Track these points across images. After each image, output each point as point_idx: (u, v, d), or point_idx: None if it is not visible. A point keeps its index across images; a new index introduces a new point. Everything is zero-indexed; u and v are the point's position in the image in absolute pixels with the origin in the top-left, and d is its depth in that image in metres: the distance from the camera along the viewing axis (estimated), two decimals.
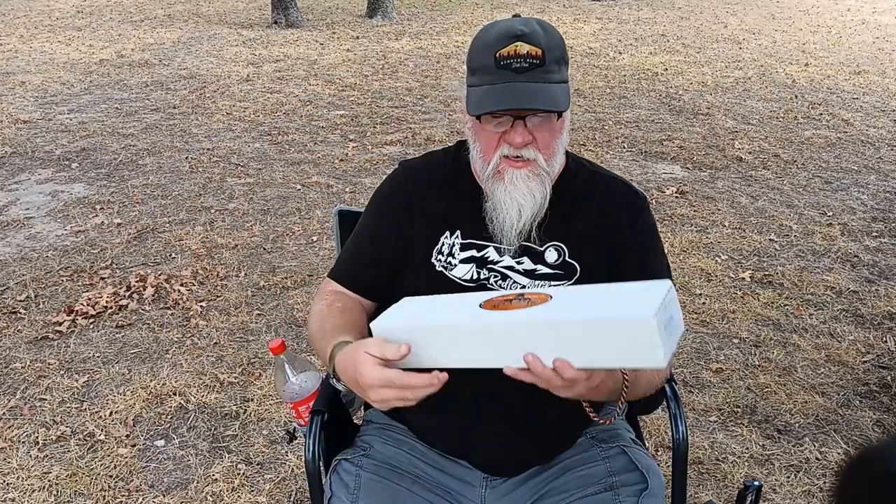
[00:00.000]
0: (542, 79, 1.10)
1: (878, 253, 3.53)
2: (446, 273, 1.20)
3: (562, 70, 1.13)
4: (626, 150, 4.99)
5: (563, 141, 1.19)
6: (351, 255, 1.33)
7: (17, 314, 2.92)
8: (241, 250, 3.47)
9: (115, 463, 2.15)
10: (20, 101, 5.98)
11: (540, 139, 1.14)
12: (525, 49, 1.10)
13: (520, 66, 1.10)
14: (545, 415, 1.20)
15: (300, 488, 2.06)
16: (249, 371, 2.58)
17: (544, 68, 1.10)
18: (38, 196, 4.11)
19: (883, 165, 4.76)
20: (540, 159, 1.15)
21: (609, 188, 1.27)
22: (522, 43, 1.10)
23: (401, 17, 10.71)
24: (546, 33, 1.12)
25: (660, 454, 2.14)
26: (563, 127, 1.18)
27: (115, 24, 9.91)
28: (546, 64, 1.10)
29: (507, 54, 1.10)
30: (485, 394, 1.16)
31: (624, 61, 7.89)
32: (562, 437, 1.26)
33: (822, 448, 2.22)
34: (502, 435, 1.20)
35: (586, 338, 0.90)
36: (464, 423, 1.21)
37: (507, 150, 1.15)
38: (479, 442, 1.21)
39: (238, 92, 6.35)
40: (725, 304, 3.03)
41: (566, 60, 1.15)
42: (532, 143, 1.14)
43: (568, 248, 1.20)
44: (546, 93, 1.10)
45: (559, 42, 1.13)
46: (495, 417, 1.19)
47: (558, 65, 1.13)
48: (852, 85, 6.96)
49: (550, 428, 1.22)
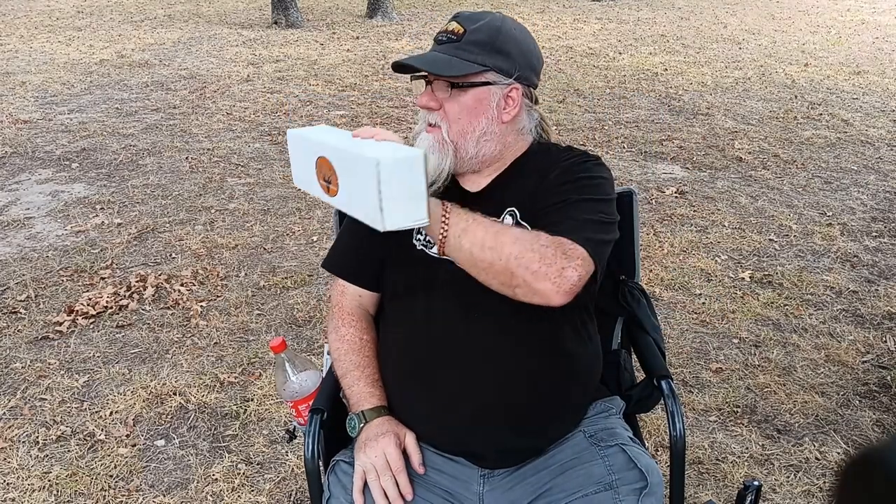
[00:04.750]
0: (452, 52, 1.22)
1: (877, 253, 3.53)
2: (426, 251, 1.26)
3: (480, 55, 1.21)
4: (626, 150, 4.99)
5: (482, 126, 1.24)
6: (343, 246, 1.41)
7: (17, 314, 2.92)
8: (241, 250, 3.47)
9: (115, 463, 2.15)
10: (20, 101, 5.98)
11: (448, 109, 1.23)
12: (453, 26, 1.24)
13: (441, 39, 1.25)
14: (533, 401, 1.22)
15: (300, 488, 2.06)
16: (249, 371, 2.58)
17: (458, 45, 1.22)
18: (39, 196, 4.11)
19: (883, 165, 4.77)
20: (444, 129, 1.23)
21: (555, 152, 1.31)
22: (454, 21, 1.25)
23: (401, 17, 10.71)
24: (481, 20, 1.23)
25: (659, 454, 2.14)
26: (478, 109, 1.23)
27: (115, 24, 9.91)
28: (461, 41, 1.22)
29: (441, 30, 1.26)
30: (471, 385, 1.20)
31: (624, 61, 7.89)
32: (553, 423, 1.26)
33: (821, 448, 2.22)
34: (492, 425, 1.21)
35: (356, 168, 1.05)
36: (452, 415, 1.22)
37: (422, 114, 1.27)
38: (471, 435, 1.22)
39: (238, 92, 6.35)
40: (725, 304, 3.03)
41: (498, 50, 1.22)
42: (439, 110, 1.24)
43: (520, 211, 1.25)
44: (442, 61, 1.21)
45: (492, 30, 1.22)
46: (484, 408, 1.20)
47: (478, 47, 1.21)
48: (852, 85, 6.96)
49: (540, 414, 1.23)
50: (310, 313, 2.93)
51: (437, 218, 1.10)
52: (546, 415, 1.24)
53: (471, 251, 1.09)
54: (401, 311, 1.31)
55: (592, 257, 1.11)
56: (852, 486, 0.48)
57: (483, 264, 1.09)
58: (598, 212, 1.18)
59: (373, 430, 1.22)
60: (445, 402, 1.22)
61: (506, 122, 1.26)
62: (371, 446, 1.20)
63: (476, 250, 1.09)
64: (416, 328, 1.26)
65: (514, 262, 1.07)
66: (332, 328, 1.37)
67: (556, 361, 1.23)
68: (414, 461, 1.22)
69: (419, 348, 1.26)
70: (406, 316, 1.29)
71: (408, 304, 1.28)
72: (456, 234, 1.09)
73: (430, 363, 1.24)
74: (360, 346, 1.32)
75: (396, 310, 1.32)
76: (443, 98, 1.23)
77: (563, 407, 1.26)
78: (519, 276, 1.07)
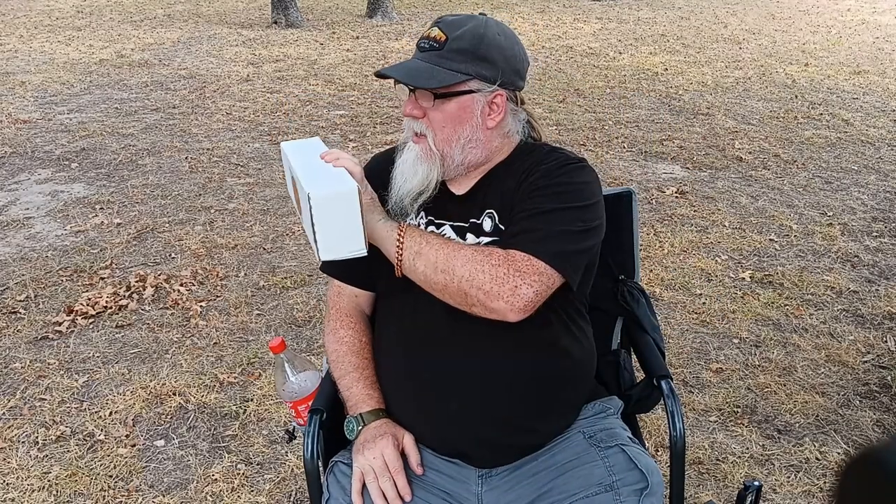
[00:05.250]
0: (435, 61, 1.20)
1: (878, 253, 3.53)
2: None
3: (462, 63, 1.20)
4: (626, 150, 4.98)
5: (467, 133, 1.24)
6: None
7: (17, 314, 2.92)
8: (240, 250, 3.47)
9: (114, 463, 2.15)
10: (20, 101, 5.98)
11: (432, 118, 1.23)
12: (435, 33, 1.22)
13: (423, 46, 1.23)
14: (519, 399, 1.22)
15: (300, 488, 2.06)
16: (249, 371, 2.58)
17: (441, 53, 1.20)
18: (38, 196, 4.11)
19: (883, 165, 4.76)
20: (429, 137, 1.23)
21: (538, 154, 1.29)
22: (436, 28, 1.22)
23: (401, 17, 10.70)
24: (463, 28, 1.20)
25: (659, 454, 2.14)
26: (462, 118, 1.23)
27: (115, 24, 9.91)
28: (443, 49, 1.20)
29: (423, 36, 1.24)
30: (456, 384, 1.20)
31: (624, 61, 7.89)
32: (542, 420, 1.26)
33: (822, 448, 2.22)
34: (478, 423, 1.21)
35: (302, 196, 1.09)
36: (441, 415, 1.22)
37: (407, 123, 1.26)
38: (460, 434, 1.22)
39: (238, 92, 6.35)
40: (725, 304, 3.03)
41: (481, 57, 1.20)
42: (424, 119, 1.23)
43: (499, 213, 1.25)
44: (425, 71, 1.20)
45: (474, 36, 1.20)
46: (469, 407, 1.20)
47: (461, 55, 1.19)
48: (852, 85, 6.96)
49: (527, 411, 1.23)
50: (309, 313, 2.93)
51: (393, 241, 1.15)
52: (534, 412, 1.24)
53: (425, 273, 1.14)
54: (391, 310, 1.31)
55: (558, 269, 1.13)
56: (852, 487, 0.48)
57: (438, 286, 1.14)
58: (572, 220, 1.17)
59: (371, 433, 1.22)
60: (434, 401, 1.22)
61: (491, 127, 1.25)
62: (369, 448, 1.20)
63: (430, 272, 1.14)
64: (404, 328, 1.27)
65: (465, 284, 1.11)
66: (330, 330, 1.37)
67: (544, 359, 1.23)
68: (412, 462, 1.21)
69: (407, 348, 1.26)
70: (395, 315, 1.29)
71: (396, 304, 1.29)
72: (410, 258, 1.15)
73: (418, 363, 1.24)
74: (359, 347, 1.32)
75: (386, 309, 1.33)
76: (426, 107, 1.23)
77: (552, 404, 1.25)
78: (473, 297, 1.11)
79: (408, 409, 1.26)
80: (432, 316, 1.22)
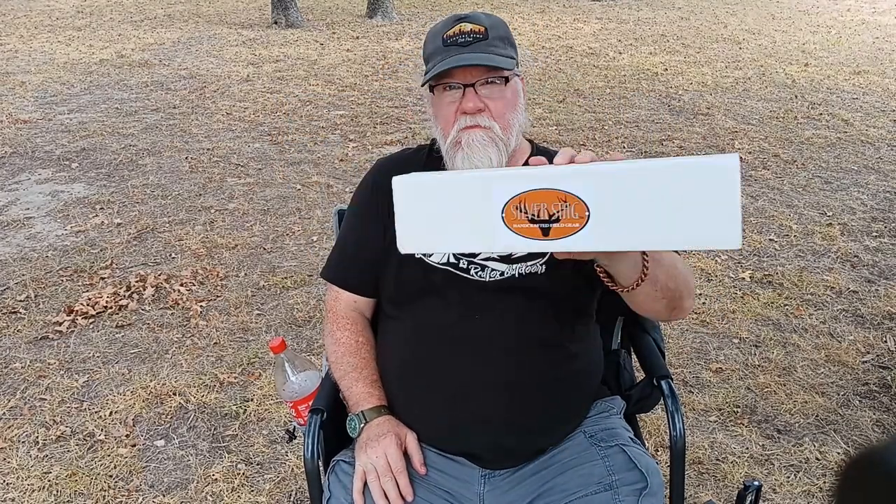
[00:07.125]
0: (487, 50, 1.19)
1: (878, 253, 3.53)
2: (425, 259, 1.25)
3: (507, 48, 1.22)
4: (627, 150, 4.98)
5: (519, 119, 1.24)
6: (341, 256, 1.39)
7: (17, 314, 2.92)
8: (241, 250, 3.47)
9: (115, 463, 2.15)
10: (20, 101, 5.98)
11: (493, 108, 1.20)
12: (469, 27, 1.20)
13: (464, 41, 1.20)
14: (534, 403, 1.21)
15: (300, 488, 2.06)
16: (249, 371, 2.58)
17: (488, 42, 1.19)
18: (38, 196, 4.11)
19: (883, 165, 4.76)
20: (496, 127, 1.20)
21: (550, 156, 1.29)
22: (465, 23, 1.21)
23: (401, 17, 10.70)
24: (487, 17, 1.23)
25: (659, 454, 2.14)
26: (516, 102, 1.23)
27: (115, 24, 9.91)
28: (489, 38, 1.20)
29: (453, 34, 1.20)
30: (471, 386, 1.20)
31: (624, 61, 7.88)
32: (554, 424, 1.26)
33: (822, 448, 2.22)
34: (493, 425, 1.21)
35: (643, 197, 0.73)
36: (453, 415, 1.22)
37: (463, 122, 1.20)
38: (472, 435, 1.22)
39: (238, 92, 6.35)
40: (725, 304, 3.03)
41: (512, 43, 1.24)
42: (485, 111, 1.19)
43: None
44: (489, 59, 1.18)
45: (501, 24, 1.24)
46: (484, 409, 1.20)
47: (503, 42, 1.21)
48: (852, 85, 6.95)
49: (541, 415, 1.23)
50: (309, 313, 2.93)
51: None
52: (547, 416, 1.23)
53: (665, 283, 1.06)
54: (402, 313, 1.30)
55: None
56: (852, 486, 0.48)
57: (668, 293, 1.07)
58: None
59: (374, 431, 1.22)
60: (446, 402, 1.22)
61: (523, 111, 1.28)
62: (372, 447, 1.19)
63: (666, 280, 1.05)
64: (417, 329, 1.26)
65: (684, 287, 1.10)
66: (328, 332, 1.37)
67: (559, 362, 1.23)
68: (415, 461, 1.21)
69: (420, 349, 1.25)
70: (407, 318, 1.29)
71: (409, 307, 1.28)
72: (654, 268, 1.02)
73: (431, 363, 1.24)
74: (357, 348, 1.32)
75: (397, 312, 1.32)
76: (485, 97, 1.20)
77: (564, 408, 1.26)
78: (685, 297, 1.11)
79: (417, 409, 1.25)
80: (447, 319, 1.23)
